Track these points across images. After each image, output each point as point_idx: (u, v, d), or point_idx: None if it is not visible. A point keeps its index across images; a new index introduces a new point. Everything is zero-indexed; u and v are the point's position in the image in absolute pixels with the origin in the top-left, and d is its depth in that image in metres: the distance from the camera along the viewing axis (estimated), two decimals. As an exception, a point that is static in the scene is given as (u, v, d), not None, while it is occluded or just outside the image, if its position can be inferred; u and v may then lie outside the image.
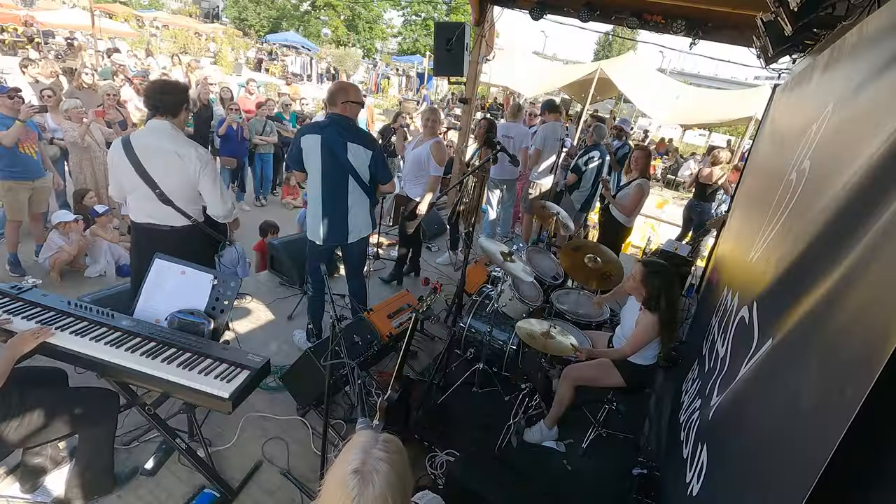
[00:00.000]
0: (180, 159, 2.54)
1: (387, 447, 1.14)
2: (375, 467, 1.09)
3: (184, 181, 2.60)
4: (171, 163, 2.54)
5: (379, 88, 23.44)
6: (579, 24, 5.57)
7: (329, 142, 2.95)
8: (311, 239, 3.21)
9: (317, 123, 3.10)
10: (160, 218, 2.64)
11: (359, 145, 3.04)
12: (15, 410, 1.83)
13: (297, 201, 7.44)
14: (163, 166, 2.54)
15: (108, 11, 21.48)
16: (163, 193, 2.57)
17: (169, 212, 2.62)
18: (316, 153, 2.97)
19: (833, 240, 1.29)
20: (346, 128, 3.02)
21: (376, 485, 1.06)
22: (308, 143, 2.96)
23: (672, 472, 2.37)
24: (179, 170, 2.56)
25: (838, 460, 0.83)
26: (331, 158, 2.99)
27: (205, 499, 2.28)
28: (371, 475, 1.07)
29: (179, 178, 2.58)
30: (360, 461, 1.10)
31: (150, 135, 2.56)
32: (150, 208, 2.62)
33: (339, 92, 3.05)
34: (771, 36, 2.87)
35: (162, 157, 2.53)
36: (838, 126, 1.74)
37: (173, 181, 2.58)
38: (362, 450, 1.13)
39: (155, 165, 2.53)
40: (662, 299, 2.62)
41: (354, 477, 1.07)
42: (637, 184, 4.53)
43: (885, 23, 1.58)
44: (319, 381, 2.69)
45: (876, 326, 0.88)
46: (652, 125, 18.04)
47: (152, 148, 2.53)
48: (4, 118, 3.83)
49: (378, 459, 1.10)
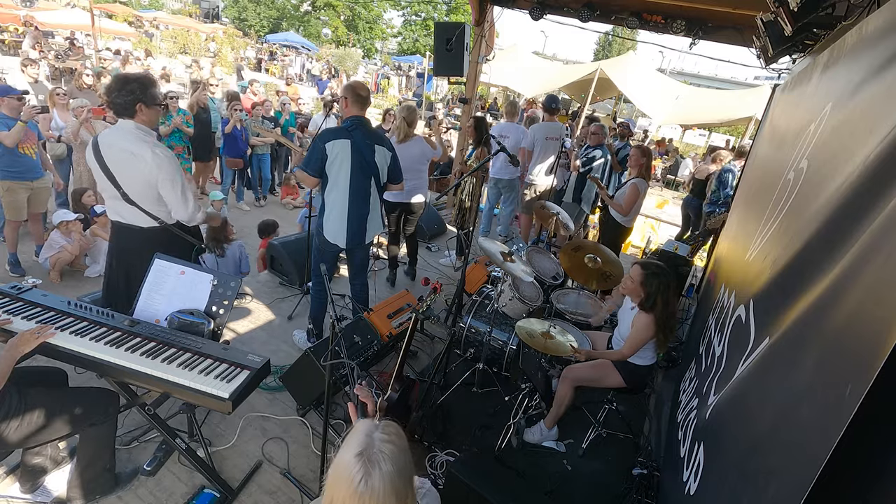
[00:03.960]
0: (135, 159, 2.45)
1: (388, 431, 1.15)
2: (381, 449, 1.09)
3: (143, 182, 2.50)
4: (128, 163, 2.46)
5: (379, 88, 23.45)
6: (579, 24, 5.58)
7: (359, 145, 2.98)
8: (333, 241, 3.20)
9: (341, 128, 3.06)
10: (128, 218, 2.58)
11: (383, 147, 3.11)
12: (15, 410, 1.83)
13: (297, 201, 7.44)
14: (122, 166, 2.47)
15: (108, 11, 21.49)
16: (126, 194, 2.50)
17: (135, 212, 2.55)
18: (346, 157, 2.97)
19: (830, 239, 1.29)
20: (371, 131, 3.09)
21: (383, 467, 1.07)
22: (336, 148, 2.95)
23: (670, 472, 2.38)
24: (137, 170, 2.47)
25: (837, 459, 0.83)
26: (361, 162, 3.01)
27: (205, 499, 2.28)
28: (377, 457, 1.08)
29: (138, 178, 2.49)
30: (363, 444, 1.10)
31: (113, 134, 2.49)
32: (118, 207, 2.57)
33: (368, 96, 3.09)
34: (771, 36, 2.87)
35: (120, 157, 2.46)
36: (836, 126, 1.74)
37: (134, 182, 2.50)
38: (365, 434, 1.13)
39: (116, 165, 2.47)
40: (658, 300, 2.63)
41: (359, 460, 1.07)
42: (632, 183, 4.53)
43: (884, 23, 1.58)
44: (319, 381, 2.70)
45: (874, 325, 0.88)
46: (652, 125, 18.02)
47: (113, 147, 2.47)
48: (6, 118, 3.84)
49: (382, 442, 1.11)
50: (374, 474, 1.06)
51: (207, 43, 24.31)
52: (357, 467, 1.06)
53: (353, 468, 1.07)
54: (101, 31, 17.15)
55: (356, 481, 1.05)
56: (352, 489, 1.05)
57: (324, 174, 3.03)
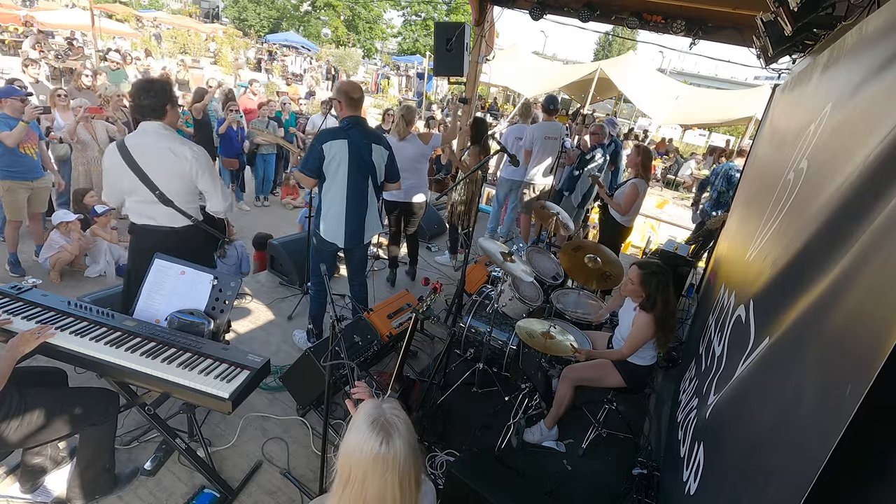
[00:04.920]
0: (175, 157, 2.51)
1: (394, 405, 1.15)
2: (395, 415, 1.09)
3: (182, 179, 2.57)
4: (167, 161, 2.51)
5: (379, 88, 23.45)
6: (579, 24, 5.58)
7: (357, 145, 3.00)
8: (332, 241, 3.20)
9: (338, 128, 3.07)
10: (161, 220, 2.62)
11: (380, 146, 3.13)
12: (15, 410, 1.83)
13: (297, 201, 7.45)
14: (160, 166, 2.51)
15: (109, 11, 21.48)
16: (163, 194, 2.54)
17: (169, 212, 2.60)
18: (344, 157, 2.98)
19: (830, 239, 1.29)
20: (368, 129, 3.11)
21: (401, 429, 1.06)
22: (334, 148, 2.96)
23: (670, 472, 2.38)
24: (176, 168, 2.53)
25: (837, 459, 0.83)
26: (358, 161, 3.03)
27: (205, 499, 2.28)
28: (393, 421, 1.07)
29: (177, 176, 2.55)
30: (375, 414, 1.09)
31: (142, 136, 2.52)
32: (150, 210, 2.59)
33: (362, 96, 3.11)
34: (771, 36, 2.87)
35: (158, 156, 2.50)
36: (836, 126, 1.74)
37: (172, 180, 2.55)
38: (373, 407, 1.12)
39: (152, 166, 2.50)
40: (659, 299, 2.63)
41: (375, 426, 1.06)
42: (632, 183, 4.53)
43: (884, 23, 1.58)
44: (319, 381, 2.70)
45: (874, 325, 0.88)
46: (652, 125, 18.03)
47: (148, 148, 2.49)
48: (9, 119, 3.84)
49: (392, 411, 1.11)
50: (395, 436, 1.05)
51: (207, 43, 24.32)
52: (375, 433, 1.06)
53: (371, 435, 1.06)
54: (100, 31, 17.14)
55: (377, 445, 1.04)
56: (374, 454, 1.04)
57: (321, 174, 3.04)
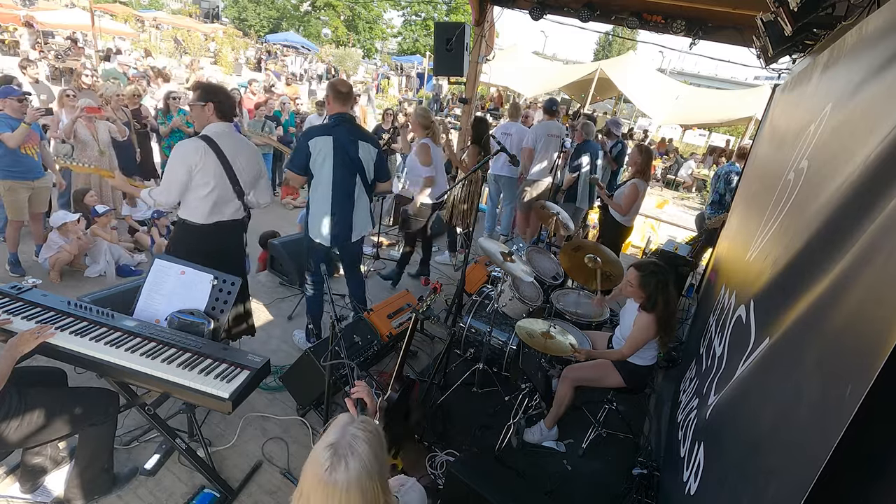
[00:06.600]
0: (255, 153, 2.81)
1: (364, 426, 1.15)
2: (351, 443, 1.10)
3: (255, 174, 2.83)
4: (251, 157, 2.78)
5: (379, 88, 23.44)
6: (579, 24, 5.58)
7: (342, 141, 3.00)
8: (317, 240, 3.20)
9: (323, 125, 3.11)
10: (229, 213, 2.77)
11: (367, 143, 3.12)
12: (15, 410, 1.82)
13: (297, 201, 7.44)
14: (245, 162, 2.73)
15: (108, 11, 21.48)
16: (241, 189, 2.74)
17: (237, 205, 2.79)
18: (328, 154, 2.99)
19: (831, 239, 1.29)
20: (355, 127, 3.11)
21: (349, 462, 1.07)
22: (318, 145, 2.97)
23: (670, 472, 2.38)
24: (254, 160, 2.80)
25: (837, 459, 0.83)
26: (343, 158, 3.02)
27: (205, 499, 2.28)
28: (345, 451, 1.08)
29: (253, 168, 2.80)
30: (336, 437, 1.11)
31: (225, 136, 2.66)
32: (226, 208, 2.73)
33: (349, 92, 3.12)
34: (771, 36, 2.87)
35: (245, 153, 2.74)
36: (836, 126, 1.74)
37: (250, 172, 2.78)
38: (341, 427, 1.14)
39: (236, 158, 2.68)
40: (659, 298, 2.62)
41: (328, 450, 1.08)
42: (632, 183, 4.53)
43: (884, 23, 1.58)
44: (319, 381, 2.70)
45: (874, 325, 0.88)
46: (652, 125, 18.03)
47: (236, 146, 2.69)
48: (10, 119, 3.84)
49: (354, 436, 1.11)
50: (339, 468, 1.06)
51: (207, 43, 24.31)
52: (325, 457, 1.07)
53: (322, 458, 1.07)
54: (100, 31, 17.14)
55: (322, 471, 1.06)
56: (317, 479, 1.06)
57: (309, 171, 3.04)
